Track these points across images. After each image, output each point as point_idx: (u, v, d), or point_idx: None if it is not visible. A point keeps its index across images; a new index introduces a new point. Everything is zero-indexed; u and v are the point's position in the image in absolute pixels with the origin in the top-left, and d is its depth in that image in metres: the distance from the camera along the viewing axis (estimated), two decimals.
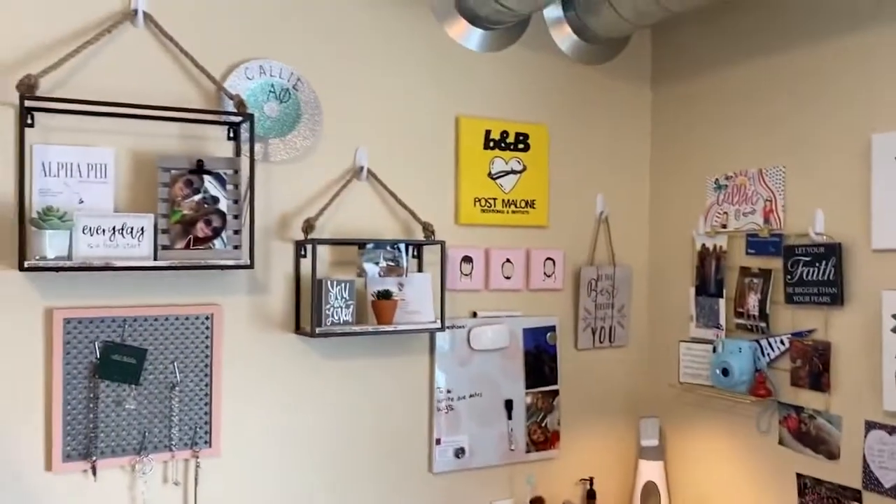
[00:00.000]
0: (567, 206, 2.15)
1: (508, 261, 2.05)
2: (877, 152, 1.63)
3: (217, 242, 1.61)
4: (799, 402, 1.80)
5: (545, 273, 2.10)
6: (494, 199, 2.03)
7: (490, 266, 2.03)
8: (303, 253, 1.78)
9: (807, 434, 1.78)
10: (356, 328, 1.75)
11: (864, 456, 1.66)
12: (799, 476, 1.80)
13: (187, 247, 1.58)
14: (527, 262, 2.08)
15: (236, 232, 1.62)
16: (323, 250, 1.82)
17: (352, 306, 1.77)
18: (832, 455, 1.73)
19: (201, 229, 1.60)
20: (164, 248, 1.57)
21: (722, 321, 1.99)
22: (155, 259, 1.56)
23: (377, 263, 1.81)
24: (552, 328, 2.11)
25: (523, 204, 2.07)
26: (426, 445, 1.95)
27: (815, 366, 1.76)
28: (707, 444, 2.05)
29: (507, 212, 2.06)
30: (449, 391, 1.97)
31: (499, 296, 2.05)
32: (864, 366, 1.66)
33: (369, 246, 1.80)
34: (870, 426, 1.64)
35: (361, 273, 1.80)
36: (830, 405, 1.73)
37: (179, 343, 1.67)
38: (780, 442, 1.84)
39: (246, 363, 1.74)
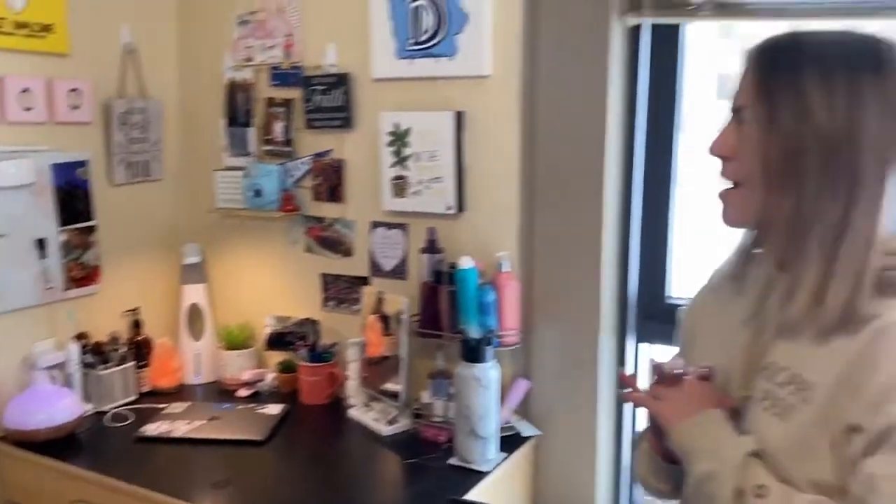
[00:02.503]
0: (90, 34, 2.04)
1: (28, 90, 1.90)
2: None
3: None
4: (321, 214, 2.11)
5: (71, 105, 2.00)
6: (2, 19, 1.84)
7: (5, 95, 1.85)
8: None
9: (327, 239, 2.11)
10: None
11: (370, 250, 2.05)
12: (323, 275, 2.14)
13: None
14: (49, 92, 1.95)
15: None
16: None
17: None
18: (348, 253, 2.09)
19: None
20: None
21: (252, 148, 2.17)
22: None
23: None
24: (84, 163, 2.05)
25: (39, 28, 1.91)
26: None
27: (332, 181, 2.07)
28: (245, 262, 2.27)
29: (20, 35, 1.88)
30: None
31: (20, 129, 1.90)
32: (368, 176, 2.01)
33: None
34: (374, 225, 2.03)
35: None
36: (345, 212, 2.07)
37: None
38: (307, 249, 2.15)
39: None
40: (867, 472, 0.84)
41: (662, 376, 1.06)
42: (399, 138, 1.92)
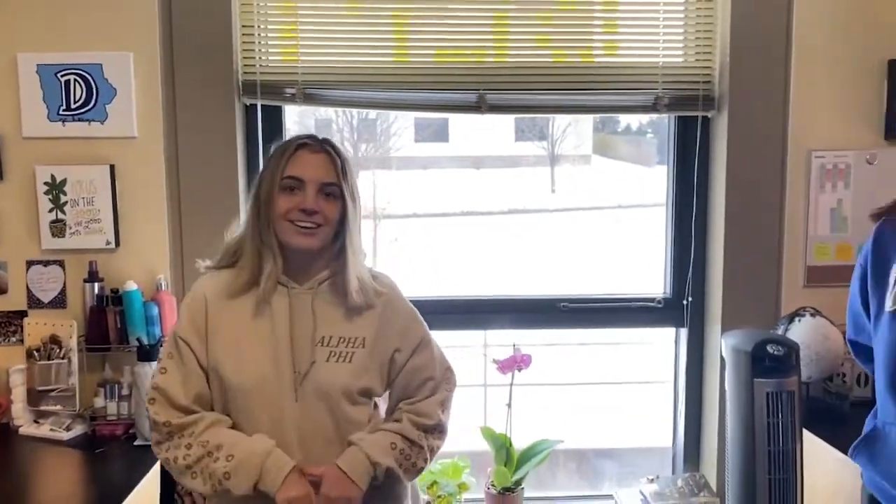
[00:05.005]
0: None
1: None
2: (21, 66, 2.24)
3: None
4: None
5: None
6: None
7: None
8: None
9: None
10: None
11: (27, 286, 2.32)
12: None
13: None
14: None
15: None
16: None
17: None
18: (2, 291, 2.32)
19: None
20: None
21: None
22: None
23: None
24: None
25: None
26: None
27: None
28: None
29: None
30: None
31: None
32: (23, 221, 2.29)
33: None
34: (30, 263, 2.31)
35: None
36: None
37: None
38: None
39: None
40: (410, 368, 1.64)
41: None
42: (56, 188, 2.26)
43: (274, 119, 2.46)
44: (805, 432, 2.09)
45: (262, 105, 2.41)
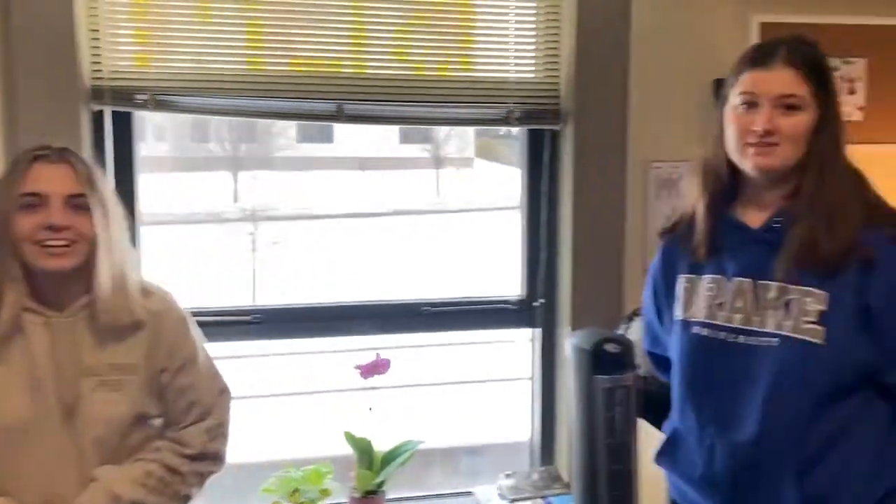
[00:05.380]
0: None
1: None
2: None
3: None
4: None
5: None
6: None
7: None
8: None
9: None
10: None
11: None
12: None
13: None
14: None
15: None
16: None
17: None
18: None
19: None
20: None
21: None
22: None
23: None
24: None
25: None
26: None
27: None
28: None
29: None
30: None
31: None
32: None
33: None
34: None
35: None
36: None
37: None
38: None
39: None
40: (174, 389, 1.59)
41: None
42: None
43: (124, 125, 2.40)
44: (645, 424, 2.24)
45: (112, 111, 2.35)
